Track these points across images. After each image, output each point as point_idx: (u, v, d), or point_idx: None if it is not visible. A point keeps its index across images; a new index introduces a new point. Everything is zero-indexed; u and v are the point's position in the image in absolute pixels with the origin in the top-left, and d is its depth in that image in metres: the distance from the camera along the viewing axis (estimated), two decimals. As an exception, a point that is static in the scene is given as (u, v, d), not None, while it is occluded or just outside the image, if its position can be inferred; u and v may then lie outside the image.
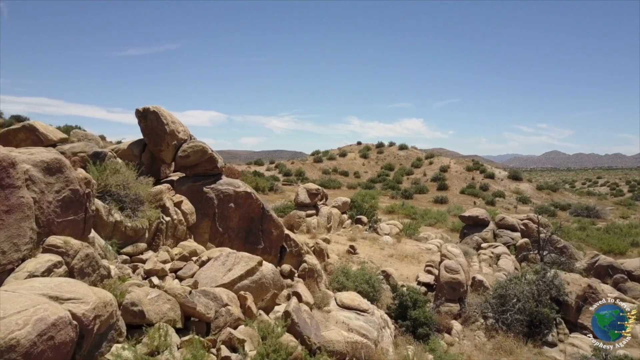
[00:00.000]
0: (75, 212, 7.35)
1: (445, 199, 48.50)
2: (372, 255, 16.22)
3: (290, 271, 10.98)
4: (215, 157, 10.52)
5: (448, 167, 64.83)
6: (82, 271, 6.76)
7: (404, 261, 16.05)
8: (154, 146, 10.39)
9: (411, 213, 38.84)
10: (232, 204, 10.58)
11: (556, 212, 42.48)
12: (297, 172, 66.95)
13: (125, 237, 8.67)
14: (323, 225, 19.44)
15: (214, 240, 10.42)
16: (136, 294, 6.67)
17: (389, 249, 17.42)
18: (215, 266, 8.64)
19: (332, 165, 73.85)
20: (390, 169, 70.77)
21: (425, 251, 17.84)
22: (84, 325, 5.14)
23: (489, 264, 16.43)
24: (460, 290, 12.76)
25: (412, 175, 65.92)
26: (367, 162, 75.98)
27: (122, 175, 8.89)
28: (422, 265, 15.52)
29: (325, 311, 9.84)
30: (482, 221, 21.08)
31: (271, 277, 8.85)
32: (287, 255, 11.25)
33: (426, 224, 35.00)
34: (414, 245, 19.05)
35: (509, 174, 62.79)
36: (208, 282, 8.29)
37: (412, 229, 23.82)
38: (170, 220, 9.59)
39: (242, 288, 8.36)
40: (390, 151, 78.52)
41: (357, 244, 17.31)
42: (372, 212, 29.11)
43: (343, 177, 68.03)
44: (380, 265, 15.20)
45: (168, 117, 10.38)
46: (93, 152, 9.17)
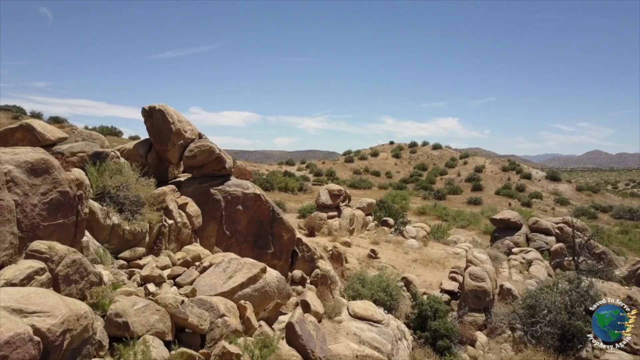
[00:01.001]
0: (64, 215, 6.98)
1: (479, 200, 47.15)
2: (394, 260, 15.51)
3: (302, 277, 10.43)
4: (223, 157, 10.06)
5: (483, 167, 63.15)
6: (68, 278, 6.37)
7: (428, 266, 15.28)
8: (160, 146, 10.01)
9: (443, 214, 37.80)
10: (240, 207, 10.10)
11: (597, 215, 40.59)
12: (328, 172, 66.49)
13: (124, 241, 8.29)
14: (345, 227, 18.81)
15: (221, 244, 9.96)
16: (121, 304, 6.23)
17: (414, 253, 16.66)
18: (216, 273, 8.16)
19: (364, 165, 73.06)
20: (423, 169, 69.55)
21: (452, 256, 16.99)
22: (49, 341, 4.70)
23: (519, 271, 15.48)
24: (485, 299, 11.94)
25: (445, 175, 64.54)
26: (400, 161, 74.91)
27: (122, 177, 8.51)
28: (448, 271, 14.72)
29: (336, 321, 9.25)
30: (514, 224, 20.04)
31: (275, 285, 8.30)
32: (299, 260, 10.71)
33: (458, 226, 33.95)
34: (441, 249, 18.22)
35: (546, 175, 60.66)
36: (207, 290, 7.82)
37: (441, 232, 22.96)
38: (174, 223, 9.17)
39: (243, 297, 7.85)
40: (423, 151, 77.18)
41: (379, 248, 16.64)
42: (402, 214, 28.31)
43: (374, 177, 67.19)
44: (402, 271, 14.50)
45: (174, 115, 9.99)
46: (93, 152, 8.84)
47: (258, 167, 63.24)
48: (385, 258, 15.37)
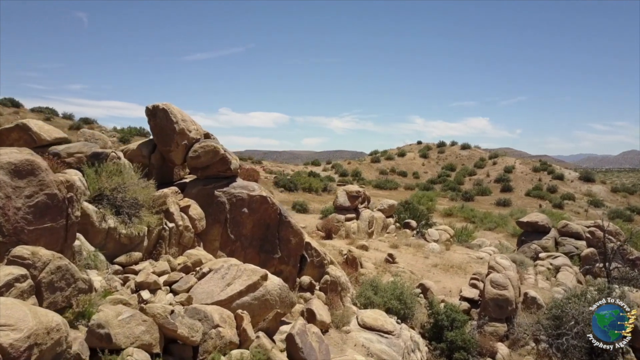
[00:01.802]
0: (52, 218, 6.67)
1: (508, 202, 45.86)
2: (413, 264, 14.89)
3: (310, 284, 9.96)
4: (228, 157, 9.66)
5: (513, 167, 61.53)
6: (52, 285, 6.05)
7: (449, 272, 14.60)
8: (163, 146, 9.68)
9: (470, 216, 36.85)
10: (246, 209, 9.68)
11: (633, 217, 38.87)
12: (354, 173, 65.89)
13: (120, 246, 7.96)
14: (364, 230, 18.25)
15: (225, 249, 9.57)
16: (104, 314, 5.86)
17: (434, 258, 15.99)
18: (214, 280, 7.75)
19: (390, 165, 72.20)
20: (451, 169, 68.32)
21: (475, 260, 16.25)
22: (11, 357, 4.35)
23: (546, 277, 14.65)
24: (507, 308, 11.24)
25: (474, 176, 63.19)
26: (427, 162, 73.76)
27: (119, 178, 8.19)
28: (470, 277, 14.02)
29: (344, 331, 8.75)
30: (542, 228, 19.13)
31: (277, 293, 7.84)
32: (308, 265, 10.24)
33: (485, 228, 32.99)
34: (464, 253, 17.48)
35: (580, 175, 58.68)
36: (204, 298, 7.42)
37: (465, 235, 22.17)
38: (175, 227, 8.81)
39: (241, 306, 7.42)
40: (451, 151, 75.79)
41: (398, 252, 16.04)
42: (427, 215, 27.53)
43: (401, 178, 66.28)
44: (421, 277, 13.87)
45: (178, 114, 9.64)
46: (92, 153, 8.54)
47: (283, 168, 63.11)
48: (403, 263, 14.77)
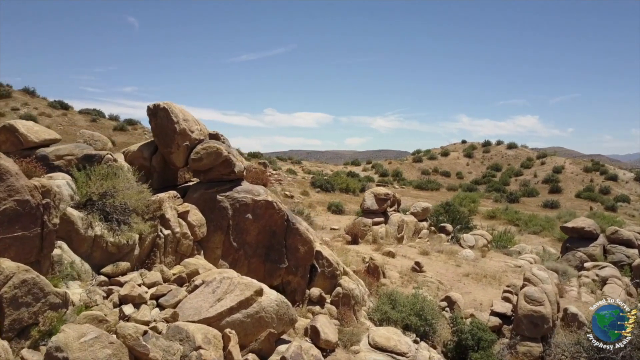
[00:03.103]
0: (24, 227, 6.17)
1: (556, 204, 43.56)
2: (443, 273, 13.83)
3: (320, 297, 9.16)
4: (231, 159, 9.00)
5: (562, 167, 58.67)
6: (16, 301, 5.53)
7: (481, 282, 13.47)
8: (164, 147, 9.13)
9: (514, 219, 35.15)
10: (250, 215, 8.99)
11: (695, 222, 36.01)
12: (394, 173, 64.58)
13: (107, 255, 7.42)
14: (392, 235, 17.26)
15: (227, 257, 8.91)
16: (65, 336, 5.27)
17: (467, 266, 14.85)
18: (204, 294, 7.09)
19: (433, 165, 70.40)
20: (496, 169, 65.93)
21: (513, 269, 14.99)
22: None
23: (591, 290, 13.29)
24: (543, 326, 10.10)
25: (520, 176, 60.72)
26: (472, 161, 71.51)
27: (110, 182, 7.66)
28: (504, 288, 12.86)
29: (352, 352, 7.91)
30: (588, 234, 17.58)
31: (274, 310, 7.10)
32: (319, 276, 9.45)
33: (530, 232, 31.30)
34: (501, 261, 16.22)
35: (635, 176, 55.14)
36: (191, 314, 6.76)
37: (504, 240, 20.78)
38: (171, 234, 8.21)
39: (231, 324, 6.72)
40: (497, 150, 73.17)
41: (428, 259, 15.01)
42: (467, 218, 26.19)
43: (444, 178, 64.44)
44: (450, 287, 12.83)
45: (180, 114, 9.06)
46: (83, 155, 8.05)
47: (323, 168, 62.51)
48: (432, 271, 13.73)
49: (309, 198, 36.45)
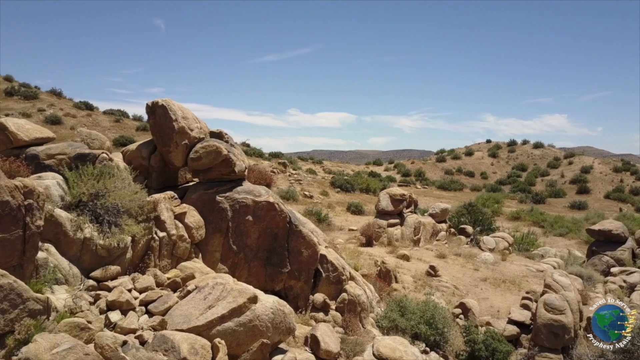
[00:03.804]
0: (4, 229, 5.86)
1: (584, 205, 42.14)
2: (459, 278, 13.23)
3: (324, 303, 8.71)
4: (231, 159, 8.61)
5: (591, 167, 56.95)
6: (-10, 308, 5.24)
7: (500, 287, 12.82)
8: (162, 146, 8.79)
9: (539, 220, 34.08)
10: (250, 217, 8.60)
11: None
12: (417, 173, 63.68)
13: (98, 258, 7.09)
14: (408, 237, 16.66)
15: (226, 261, 8.53)
16: (35, 346, 4.95)
17: (485, 270, 14.20)
18: (195, 300, 6.71)
19: (457, 165, 69.22)
20: (522, 169, 64.46)
21: (534, 274, 14.28)
22: None
23: (617, 297, 12.48)
24: (564, 336, 9.46)
25: (547, 176, 59.19)
26: (496, 161, 70.08)
27: (101, 182, 7.35)
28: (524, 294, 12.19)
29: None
30: (616, 237, 16.67)
31: (269, 319, 6.68)
32: (323, 281, 9.00)
33: (555, 234, 30.25)
34: (522, 264, 15.50)
35: (669, 176, 53.15)
36: (180, 322, 6.39)
37: (527, 243, 19.98)
38: (166, 236, 7.87)
39: (223, 333, 6.33)
40: (523, 150, 71.56)
41: (445, 262, 14.41)
42: (489, 219, 25.42)
43: (467, 178, 63.28)
44: (466, 293, 12.23)
45: (178, 111, 8.72)
46: (76, 154, 7.76)
47: (344, 168, 61.93)
48: (448, 276, 13.15)
49: (328, 198, 36.02)
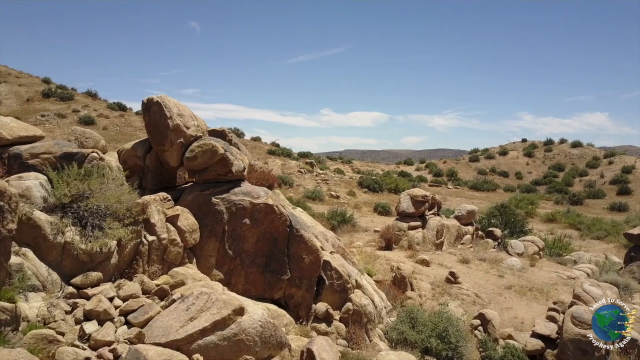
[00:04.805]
0: (-30, 233, 5.52)
1: (624, 206, 40.15)
2: (482, 285, 12.39)
3: (327, 313, 8.10)
4: (228, 158, 8.10)
5: (633, 167, 54.37)
6: (-52, 318, 4.87)
7: (525, 296, 11.93)
8: (157, 145, 8.37)
9: (576, 222, 32.50)
10: (248, 220, 8.07)
11: None
12: (449, 173, 62.30)
13: (79, 263, 6.68)
14: (430, 240, 15.86)
15: (222, 267, 8.03)
16: (-16, 364, 4.52)
17: (511, 277, 13.29)
18: (178, 311, 6.21)
19: (490, 165, 67.40)
20: (559, 169, 62.21)
21: (565, 281, 13.29)
22: None
23: (657, 310, 11.44)
24: (594, 353, 8.59)
25: (585, 177, 56.87)
26: (532, 161, 67.92)
27: (86, 182, 6.95)
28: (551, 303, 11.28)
29: (355, 381, 6.81)
30: (658, 242, 15.46)
31: (257, 332, 6.13)
32: (326, 289, 8.40)
33: (593, 237, 28.73)
34: (552, 271, 14.50)
35: None
36: (159, 335, 5.90)
37: (559, 247, 18.84)
38: (156, 240, 7.41)
39: (204, 348, 5.82)
40: (560, 149, 69.08)
41: (467, 268, 13.59)
42: (522, 221, 24.34)
43: (501, 179, 61.50)
44: (488, 301, 11.41)
45: (174, 108, 8.26)
46: (62, 153, 7.39)
47: (373, 167, 61.06)
48: (470, 283, 12.33)
49: (355, 198, 35.37)
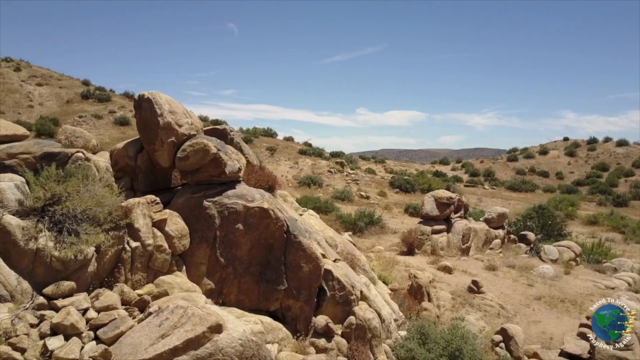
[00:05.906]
0: None
1: (673, 209, 37.71)
2: (508, 295, 11.42)
3: (327, 327, 7.40)
4: (221, 158, 7.52)
5: (683, 167, 51.32)
6: None
7: (556, 308, 10.88)
8: (148, 144, 7.87)
9: (619, 225, 30.65)
10: (241, 225, 7.45)
11: None
12: (485, 173, 60.51)
13: (53, 272, 6.21)
14: (455, 245, 14.90)
15: (213, 275, 7.44)
16: None
17: (542, 286, 12.24)
18: (150, 327, 5.65)
19: (529, 165, 65.17)
20: (603, 169, 59.49)
21: (602, 292, 12.14)
22: None
23: None
24: (631, 379, 7.59)
25: (631, 177, 54.14)
26: (574, 160, 65.25)
27: (63, 185, 6.48)
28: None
29: (351, 406, 6.09)
30: None
31: (236, 352, 5.50)
32: (327, 301, 7.70)
33: (638, 241, 26.96)
34: (588, 280, 13.34)
35: None
36: (127, 353, 5.35)
37: (599, 253, 17.52)
38: (141, 247, 6.89)
39: (175, 369, 5.22)
40: (604, 148, 66.10)
41: (494, 276, 12.62)
42: (559, 224, 23.01)
43: (541, 179, 59.27)
44: (514, 314, 10.46)
45: (165, 105, 7.74)
46: (43, 153, 6.96)
47: (407, 167, 59.83)
48: (495, 292, 11.38)
49: (385, 199, 34.50)
